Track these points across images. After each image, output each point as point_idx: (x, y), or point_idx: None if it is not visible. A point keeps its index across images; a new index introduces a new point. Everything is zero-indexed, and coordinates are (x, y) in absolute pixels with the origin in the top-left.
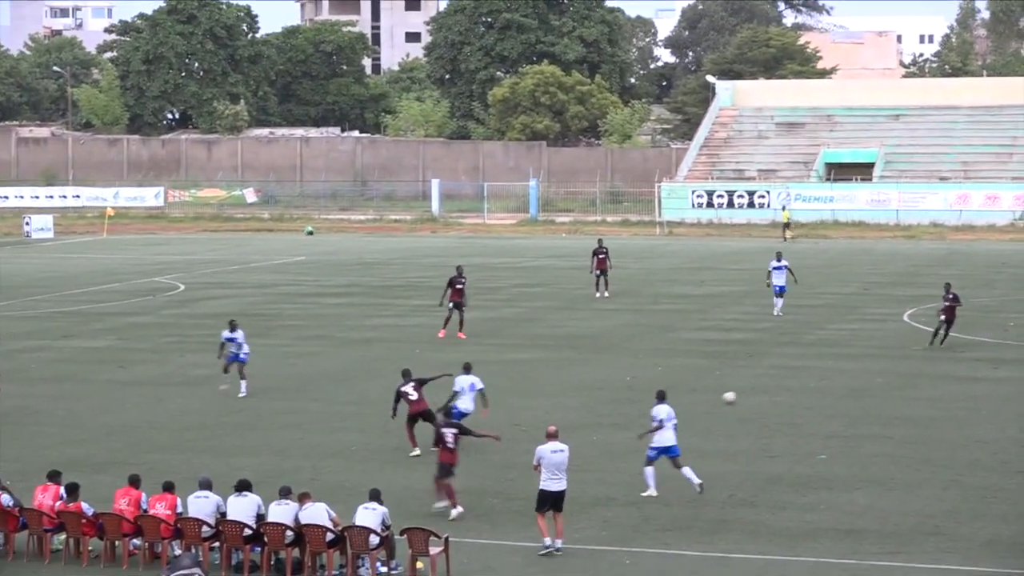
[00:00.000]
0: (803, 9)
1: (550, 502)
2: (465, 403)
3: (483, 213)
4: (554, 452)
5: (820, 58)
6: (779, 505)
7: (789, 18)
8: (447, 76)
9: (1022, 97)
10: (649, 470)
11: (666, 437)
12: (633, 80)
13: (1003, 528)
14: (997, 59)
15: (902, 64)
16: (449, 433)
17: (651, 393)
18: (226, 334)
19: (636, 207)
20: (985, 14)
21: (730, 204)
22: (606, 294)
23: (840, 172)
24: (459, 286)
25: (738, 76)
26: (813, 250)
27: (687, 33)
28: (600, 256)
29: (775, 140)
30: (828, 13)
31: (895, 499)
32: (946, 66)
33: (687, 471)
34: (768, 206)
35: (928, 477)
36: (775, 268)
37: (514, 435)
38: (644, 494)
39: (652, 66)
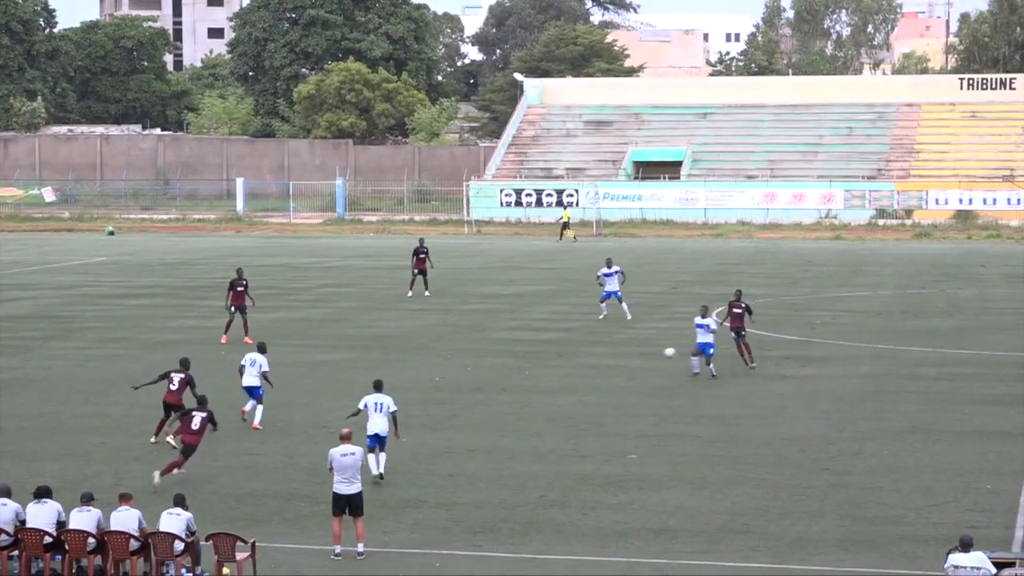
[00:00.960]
0: (610, 7)
1: (344, 505)
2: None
3: (289, 212)
4: (344, 455)
5: (628, 56)
6: (590, 505)
7: (596, 16)
8: (251, 73)
9: (827, 96)
10: None
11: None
12: (440, 77)
13: (812, 525)
14: (802, 58)
15: (709, 63)
16: (198, 417)
17: (460, 393)
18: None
19: (444, 206)
20: (790, 13)
21: (539, 203)
22: (426, 293)
23: (648, 170)
24: (240, 288)
25: (546, 74)
26: (621, 248)
27: (494, 30)
28: (420, 256)
29: (583, 138)
30: (635, 11)
31: (705, 498)
32: (752, 65)
33: None
34: (577, 204)
35: (737, 475)
36: (606, 275)
37: (322, 437)
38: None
39: (459, 63)
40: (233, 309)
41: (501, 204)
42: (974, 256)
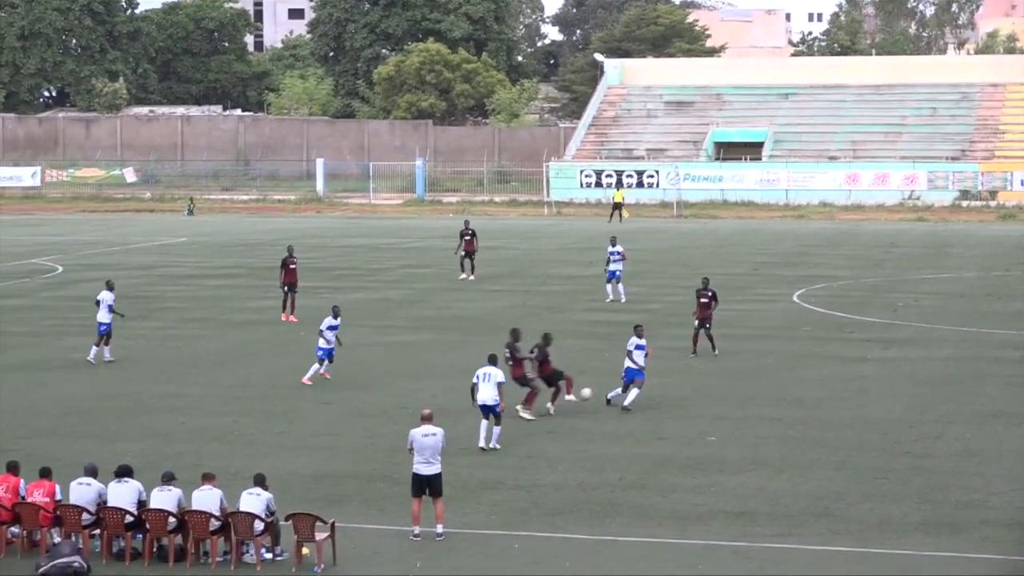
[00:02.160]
0: None
1: (424, 486)
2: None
3: (369, 193)
4: (425, 436)
5: (708, 36)
6: (669, 488)
7: None
8: (331, 54)
9: (910, 76)
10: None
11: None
12: (520, 58)
13: (893, 509)
14: (886, 38)
15: (791, 43)
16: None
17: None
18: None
19: (524, 187)
20: None
21: (619, 184)
22: (471, 277)
23: (729, 151)
24: (292, 267)
25: (626, 54)
26: (703, 230)
27: (574, 11)
28: (467, 238)
29: (664, 119)
30: None
31: (785, 481)
32: (835, 45)
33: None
34: (657, 186)
35: (818, 458)
36: (612, 253)
37: (402, 418)
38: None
39: (539, 44)
40: (286, 288)
41: (581, 185)
42: None
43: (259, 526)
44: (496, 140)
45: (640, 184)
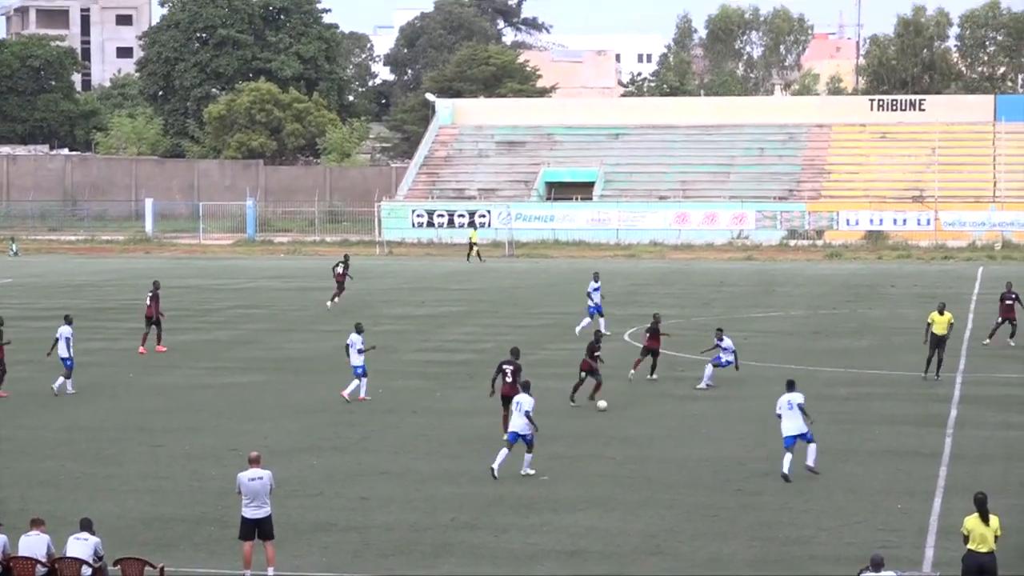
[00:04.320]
0: (522, 28)
1: (253, 529)
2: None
3: (199, 233)
4: (252, 480)
5: (540, 76)
6: (501, 527)
7: (508, 36)
8: (160, 93)
9: (739, 117)
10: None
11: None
12: (352, 98)
13: (723, 546)
14: (714, 79)
15: (621, 83)
16: (508, 368)
17: (372, 415)
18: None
19: (356, 227)
20: (702, 33)
21: (451, 223)
22: (330, 304)
23: (561, 191)
24: (151, 301)
25: (457, 94)
26: (534, 269)
27: (406, 50)
28: (338, 270)
29: (495, 159)
30: (547, 31)
31: (617, 519)
32: (664, 85)
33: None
34: (489, 225)
35: (650, 496)
36: (593, 290)
37: (232, 460)
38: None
39: (371, 83)
40: (151, 321)
41: (413, 225)
42: (884, 276)
43: (87, 571)
44: (327, 180)
45: (472, 224)
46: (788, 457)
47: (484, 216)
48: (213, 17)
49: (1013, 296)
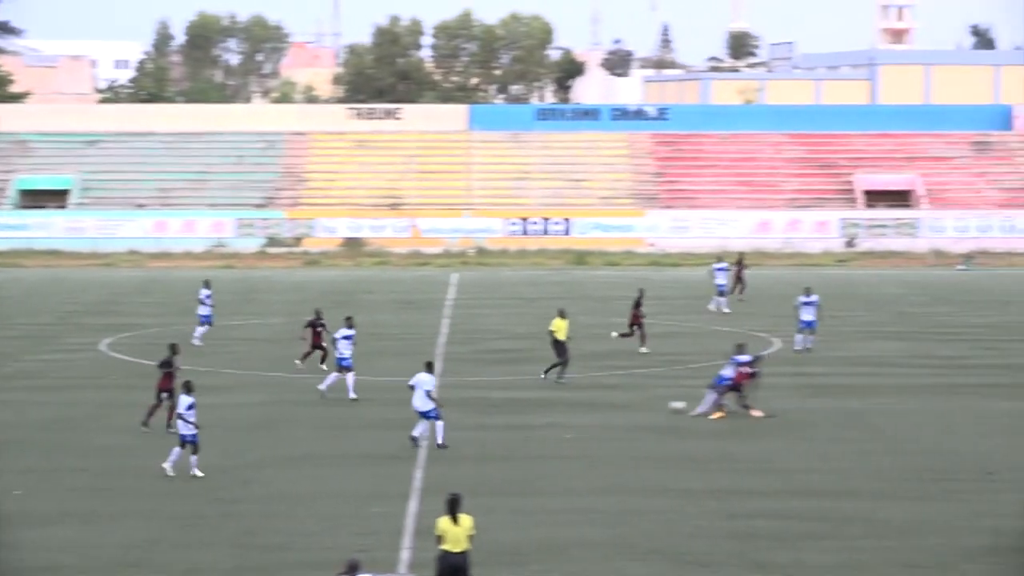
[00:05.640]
0: None
1: None
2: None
3: None
4: None
5: (13, 82)
6: None
7: None
8: None
9: (218, 125)
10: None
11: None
12: None
13: (204, 555)
14: (193, 85)
15: (98, 89)
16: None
17: None
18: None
19: None
20: (181, 40)
21: None
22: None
23: (36, 199)
24: None
25: None
26: (7, 279)
27: None
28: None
29: None
30: (20, 36)
31: (95, 531)
32: (142, 92)
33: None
34: None
35: (128, 507)
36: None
37: None
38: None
39: None
40: None
41: None
42: (362, 283)
43: None
44: None
45: None
46: (420, 425)
47: None
48: None
49: (640, 305)
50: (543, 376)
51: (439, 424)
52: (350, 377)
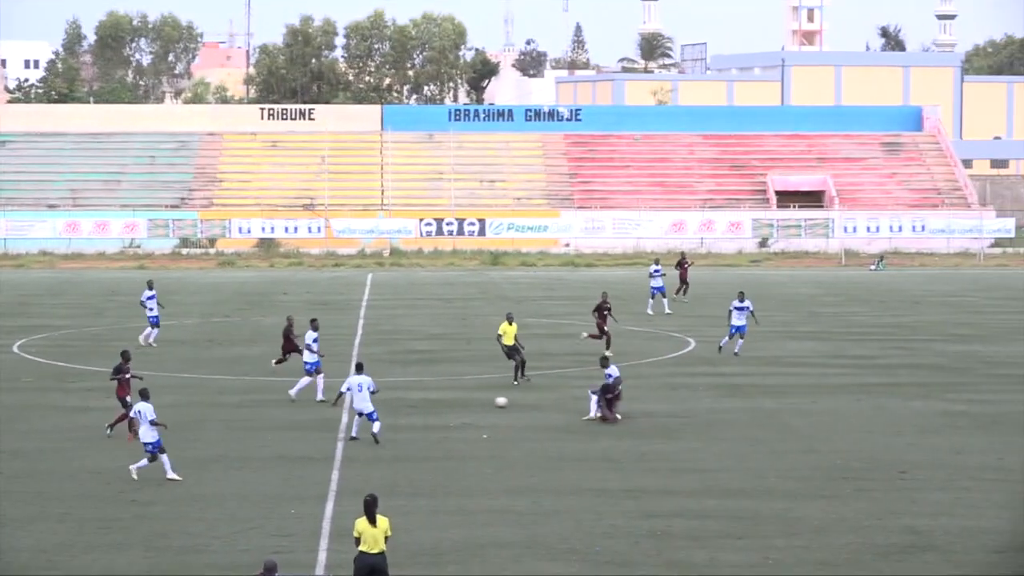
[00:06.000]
0: None
1: None
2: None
3: None
4: None
5: None
6: None
7: None
8: None
9: (130, 125)
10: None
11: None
12: None
13: (118, 558)
14: (104, 86)
15: (7, 89)
16: None
17: None
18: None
19: None
20: (92, 39)
21: None
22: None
23: None
24: None
25: None
26: None
27: None
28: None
29: None
30: None
31: (5, 536)
32: (53, 92)
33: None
34: None
35: (40, 511)
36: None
37: None
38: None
39: None
40: None
41: None
42: (277, 284)
43: None
44: None
45: None
46: (356, 421)
47: None
48: None
49: (608, 307)
50: (515, 383)
51: (377, 424)
52: (320, 379)
